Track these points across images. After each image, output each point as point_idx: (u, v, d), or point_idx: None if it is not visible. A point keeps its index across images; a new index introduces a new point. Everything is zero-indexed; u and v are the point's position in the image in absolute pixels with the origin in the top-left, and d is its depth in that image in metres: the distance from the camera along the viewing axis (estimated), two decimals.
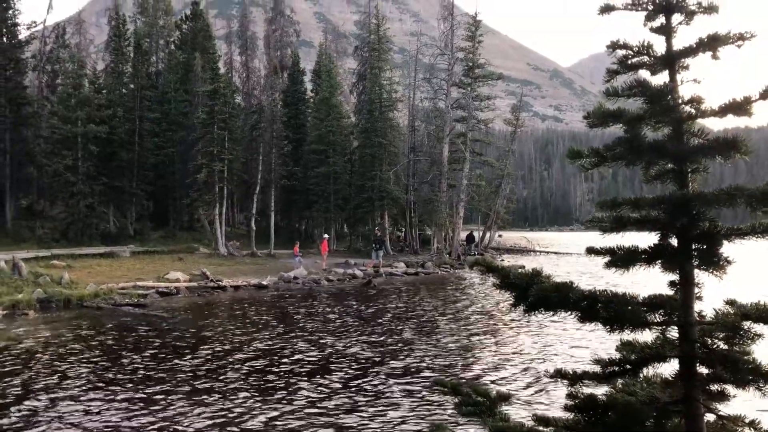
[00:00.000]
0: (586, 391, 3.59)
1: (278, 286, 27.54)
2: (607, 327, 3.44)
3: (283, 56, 51.05)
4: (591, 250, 3.69)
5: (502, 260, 47.25)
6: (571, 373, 3.61)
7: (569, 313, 3.44)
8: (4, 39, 37.60)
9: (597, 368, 3.61)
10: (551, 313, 3.45)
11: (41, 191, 41.53)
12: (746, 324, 3.36)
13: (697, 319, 3.49)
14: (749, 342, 3.41)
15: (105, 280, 23.55)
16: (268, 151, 40.06)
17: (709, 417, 3.61)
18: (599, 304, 3.32)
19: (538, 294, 3.28)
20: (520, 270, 3.67)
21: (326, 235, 38.04)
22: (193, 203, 38.88)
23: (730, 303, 3.51)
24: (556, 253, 52.47)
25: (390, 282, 31.09)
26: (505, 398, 3.66)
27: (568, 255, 48.84)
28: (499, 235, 61.63)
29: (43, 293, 20.64)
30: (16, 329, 16.78)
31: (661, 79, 3.56)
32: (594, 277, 25.28)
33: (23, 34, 40.15)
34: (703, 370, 3.54)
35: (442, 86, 43.85)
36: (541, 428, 3.53)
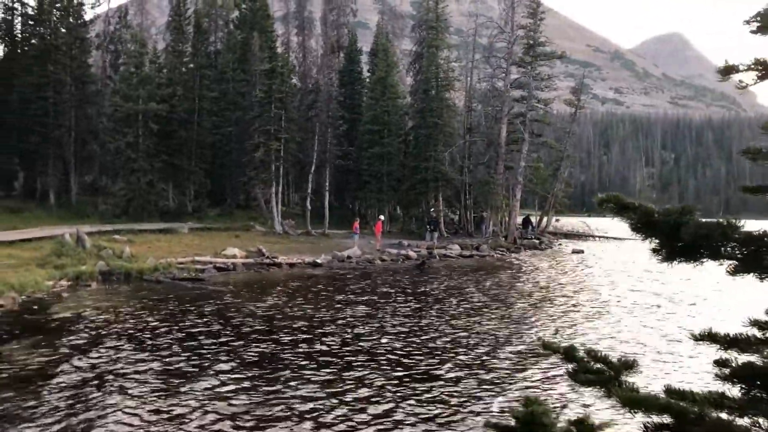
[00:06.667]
0: (741, 358, 3.03)
1: (332, 264, 27.50)
2: None
3: (339, 36, 50.71)
4: None
5: (560, 244, 46.15)
6: (722, 335, 3.07)
7: (721, 261, 2.88)
8: (71, 19, 38.59)
9: (756, 331, 3.06)
10: (694, 262, 2.91)
11: (103, 168, 42.67)
12: None
13: None
14: None
15: (164, 255, 23.91)
16: (324, 131, 39.99)
17: None
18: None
19: (694, 233, 2.73)
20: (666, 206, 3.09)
21: (381, 217, 37.89)
22: (249, 182, 39.22)
23: None
24: (616, 238, 50.79)
25: (444, 264, 30.68)
26: (630, 366, 3.16)
27: (630, 240, 47.24)
28: (557, 220, 60.22)
29: (106, 266, 21.11)
30: (80, 299, 17.16)
31: None
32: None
33: (88, 14, 41.24)
34: None
35: (501, 65, 42.71)
36: (681, 402, 2.98)
